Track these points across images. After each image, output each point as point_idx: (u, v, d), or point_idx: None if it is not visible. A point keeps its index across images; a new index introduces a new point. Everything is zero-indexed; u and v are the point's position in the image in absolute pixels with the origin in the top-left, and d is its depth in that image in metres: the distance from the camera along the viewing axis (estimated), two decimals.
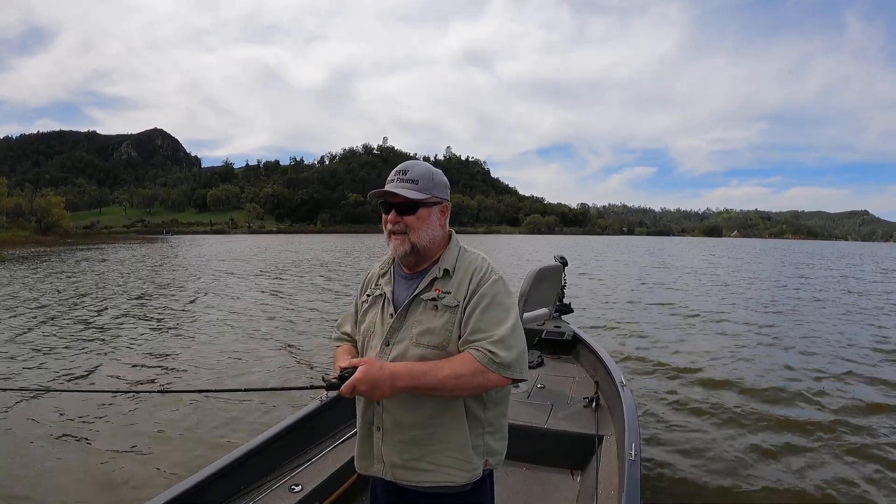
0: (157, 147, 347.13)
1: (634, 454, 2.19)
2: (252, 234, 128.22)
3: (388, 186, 1.36)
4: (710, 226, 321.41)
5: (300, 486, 2.22)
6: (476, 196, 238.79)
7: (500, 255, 31.71)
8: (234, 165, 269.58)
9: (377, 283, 1.50)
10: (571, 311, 4.97)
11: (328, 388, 1.30)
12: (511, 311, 1.34)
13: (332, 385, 1.29)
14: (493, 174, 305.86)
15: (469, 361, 1.27)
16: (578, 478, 2.66)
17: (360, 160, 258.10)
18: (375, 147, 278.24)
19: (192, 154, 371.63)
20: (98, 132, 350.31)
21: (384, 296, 1.45)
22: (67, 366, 6.20)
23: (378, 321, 1.43)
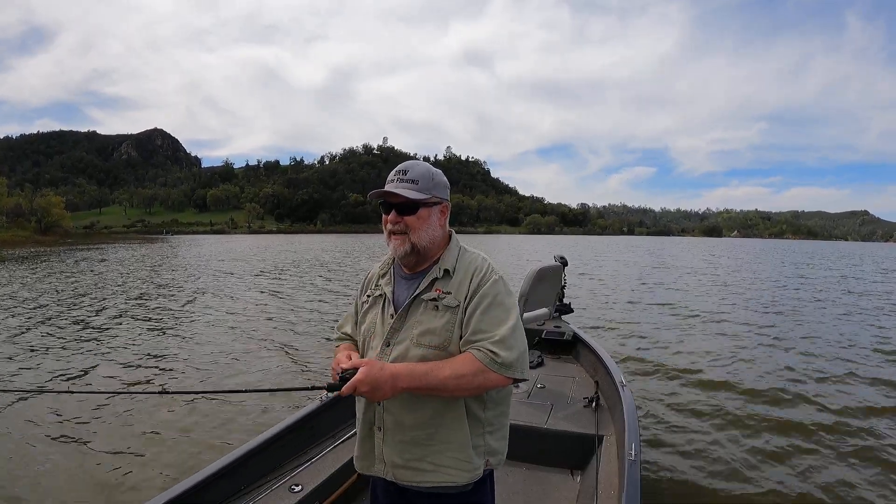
0: (157, 147, 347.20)
1: (634, 454, 2.19)
2: (252, 234, 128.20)
3: (388, 186, 1.35)
4: (710, 226, 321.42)
5: (300, 486, 2.22)
6: (476, 196, 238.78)
7: (500, 255, 31.69)
8: (234, 165, 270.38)
9: (377, 284, 1.50)
10: (571, 311, 4.97)
11: (329, 390, 1.30)
12: (512, 312, 1.34)
13: (333, 386, 1.28)
14: (493, 174, 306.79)
15: (470, 361, 1.27)
16: (578, 478, 2.66)
17: (360, 160, 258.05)
18: (375, 147, 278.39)
19: (192, 154, 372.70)
20: (98, 132, 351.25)
21: (384, 296, 1.45)
22: (65, 366, 6.19)
23: (378, 322, 1.43)
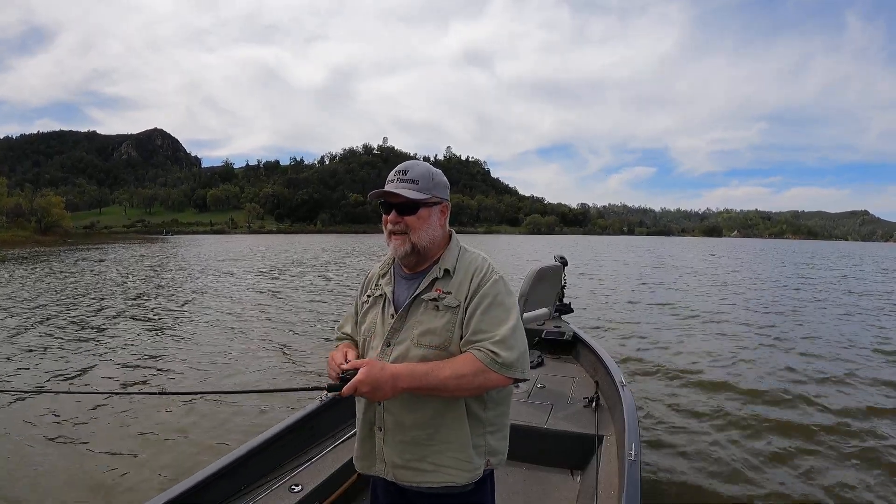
0: (157, 147, 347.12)
1: (634, 454, 2.19)
2: (252, 234, 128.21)
3: (388, 186, 1.35)
4: (710, 226, 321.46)
5: (300, 486, 2.22)
6: (476, 196, 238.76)
7: (500, 255, 31.69)
8: (234, 165, 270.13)
9: (377, 284, 1.49)
10: (571, 311, 4.97)
11: (329, 390, 1.30)
12: (512, 312, 1.34)
13: (334, 387, 1.28)
14: (493, 174, 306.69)
15: (471, 362, 1.27)
16: (578, 478, 2.66)
17: (360, 160, 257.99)
18: (375, 147, 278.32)
19: (192, 154, 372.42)
20: (98, 132, 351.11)
21: (384, 296, 1.44)
22: (64, 367, 6.18)
23: (379, 322, 1.43)
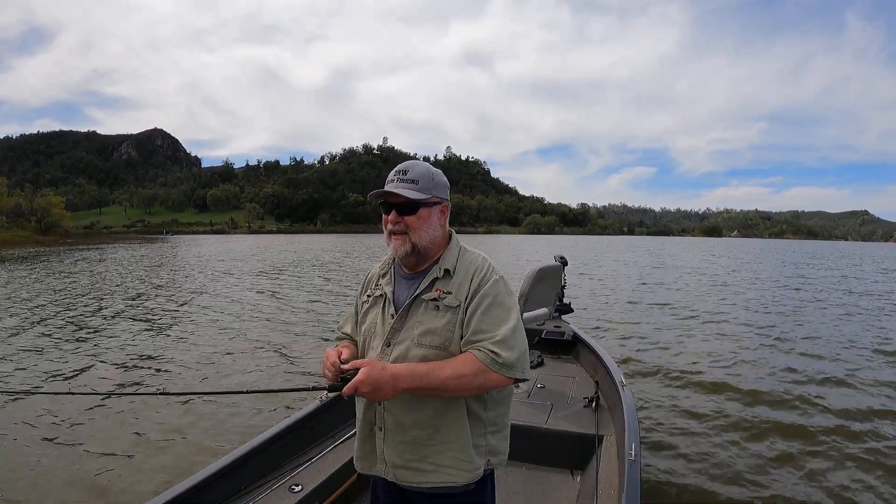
0: (157, 147, 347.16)
1: (634, 454, 2.19)
2: (252, 234, 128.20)
3: (388, 186, 1.35)
4: (711, 226, 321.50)
5: (300, 486, 2.22)
6: (476, 196, 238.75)
7: (500, 255, 31.68)
8: (234, 165, 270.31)
9: (377, 284, 1.49)
10: (571, 311, 4.97)
11: (330, 391, 1.31)
12: (512, 311, 1.34)
13: (334, 387, 1.28)
14: (493, 174, 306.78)
15: (471, 362, 1.27)
16: (578, 478, 2.66)
17: (360, 160, 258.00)
18: (375, 147, 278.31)
19: (192, 154, 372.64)
20: (98, 132, 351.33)
21: (385, 296, 1.44)
22: (62, 367, 6.17)
23: (379, 322, 1.43)
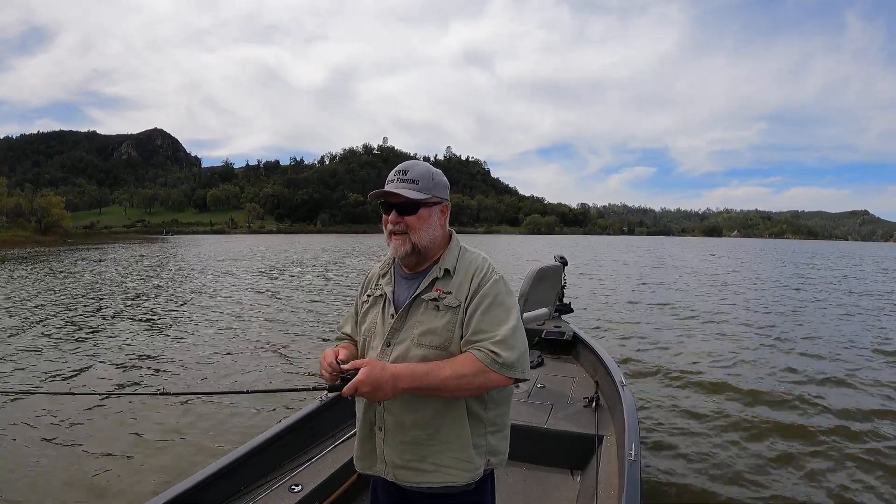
0: (157, 147, 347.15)
1: (634, 454, 2.19)
2: (252, 234, 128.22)
3: (389, 187, 1.35)
4: (711, 226, 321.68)
5: (300, 486, 2.22)
6: (476, 196, 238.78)
7: (500, 255, 31.68)
8: (234, 165, 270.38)
9: (377, 284, 1.49)
10: (571, 311, 4.97)
11: (330, 391, 1.30)
12: (512, 311, 1.34)
13: (334, 387, 1.28)
14: (493, 174, 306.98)
15: (471, 362, 1.26)
16: (578, 478, 2.66)
17: (360, 160, 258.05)
18: (375, 147, 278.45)
19: (192, 154, 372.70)
20: (98, 132, 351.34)
21: (385, 296, 1.44)
22: (61, 367, 6.17)
23: (379, 322, 1.42)
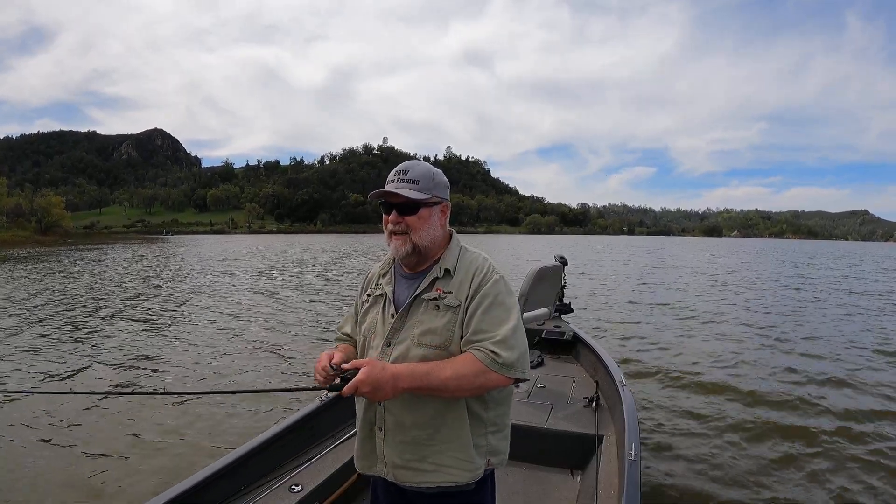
0: (157, 147, 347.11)
1: (634, 454, 2.19)
2: (252, 234, 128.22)
3: (389, 186, 1.35)
4: (711, 226, 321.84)
5: (300, 486, 2.22)
6: (476, 196, 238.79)
7: (500, 255, 31.67)
8: (234, 165, 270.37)
9: (377, 283, 1.49)
10: (571, 311, 4.96)
11: (330, 390, 1.30)
12: (513, 311, 1.34)
13: (334, 386, 1.28)
14: (493, 174, 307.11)
15: (471, 362, 1.26)
16: (578, 478, 2.66)
17: (360, 160, 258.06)
18: (375, 147, 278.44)
19: (192, 154, 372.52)
20: (98, 132, 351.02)
21: (385, 296, 1.44)
22: (59, 367, 6.16)
23: (379, 321, 1.42)
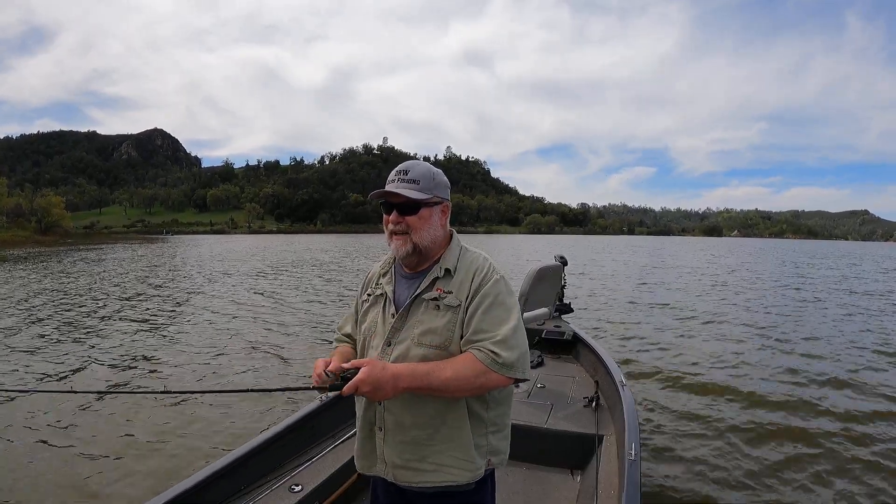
0: (157, 147, 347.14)
1: (634, 454, 2.19)
2: (252, 235, 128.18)
3: (390, 186, 1.35)
4: (711, 225, 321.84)
5: (300, 486, 2.22)
6: (476, 196, 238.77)
7: (500, 255, 31.67)
8: (234, 165, 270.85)
9: (378, 283, 1.49)
10: (571, 311, 4.97)
11: (330, 389, 1.29)
12: (513, 311, 1.34)
13: (335, 386, 1.28)
14: (493, 174, 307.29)
15: (471, 362, 1.26)
16: (578, 478, 2.66)
17: (360, 160, 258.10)
18: (375, 147, 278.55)
19: (192, 154, 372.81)
20: (98, 132, 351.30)
21: (385, 295, 1.44)
22: (58, 367, 6.14)
23: (379, 321, 1.42)
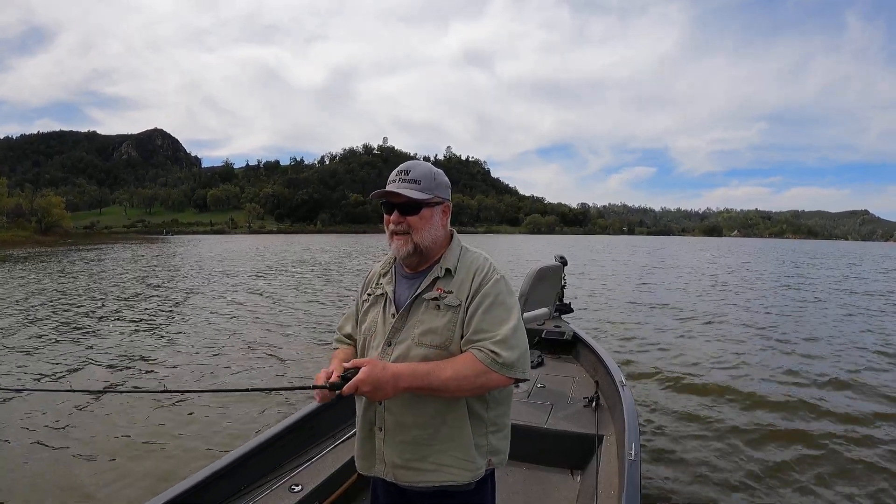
0: (157, 147, 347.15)
1: (634, 454, 2.19)
2: (252, 235, 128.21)
3: (391, 186, 1.35)
4: (711, 225, 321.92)
5: (300, 486, 2.22)
6: (476, 196, 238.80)
7: (500, 255, 31.65)
8: (234, 165, 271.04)
9: (378, 283, 1.49)
10: (571, 311, 4.96)
11: (331, 389, 1.29)
12: (513, 311, 1.34)
13: (335, 386, 1.28)
14: (493, 174, 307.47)
15: (472, 362, 1.26)
16: (578, 478, 2.66)
17: (361, 160, 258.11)
18: (375, 147, 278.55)
19: (192, 154, 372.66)
20: (98, 132, 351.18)
21: (385, 295, 1.44)
22: (57, 367, 6.14)
23: (380, 321, 1.42)
